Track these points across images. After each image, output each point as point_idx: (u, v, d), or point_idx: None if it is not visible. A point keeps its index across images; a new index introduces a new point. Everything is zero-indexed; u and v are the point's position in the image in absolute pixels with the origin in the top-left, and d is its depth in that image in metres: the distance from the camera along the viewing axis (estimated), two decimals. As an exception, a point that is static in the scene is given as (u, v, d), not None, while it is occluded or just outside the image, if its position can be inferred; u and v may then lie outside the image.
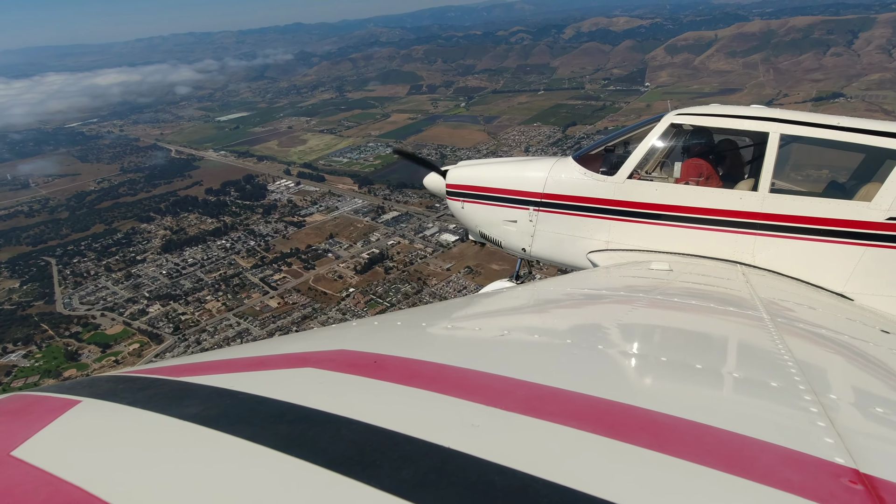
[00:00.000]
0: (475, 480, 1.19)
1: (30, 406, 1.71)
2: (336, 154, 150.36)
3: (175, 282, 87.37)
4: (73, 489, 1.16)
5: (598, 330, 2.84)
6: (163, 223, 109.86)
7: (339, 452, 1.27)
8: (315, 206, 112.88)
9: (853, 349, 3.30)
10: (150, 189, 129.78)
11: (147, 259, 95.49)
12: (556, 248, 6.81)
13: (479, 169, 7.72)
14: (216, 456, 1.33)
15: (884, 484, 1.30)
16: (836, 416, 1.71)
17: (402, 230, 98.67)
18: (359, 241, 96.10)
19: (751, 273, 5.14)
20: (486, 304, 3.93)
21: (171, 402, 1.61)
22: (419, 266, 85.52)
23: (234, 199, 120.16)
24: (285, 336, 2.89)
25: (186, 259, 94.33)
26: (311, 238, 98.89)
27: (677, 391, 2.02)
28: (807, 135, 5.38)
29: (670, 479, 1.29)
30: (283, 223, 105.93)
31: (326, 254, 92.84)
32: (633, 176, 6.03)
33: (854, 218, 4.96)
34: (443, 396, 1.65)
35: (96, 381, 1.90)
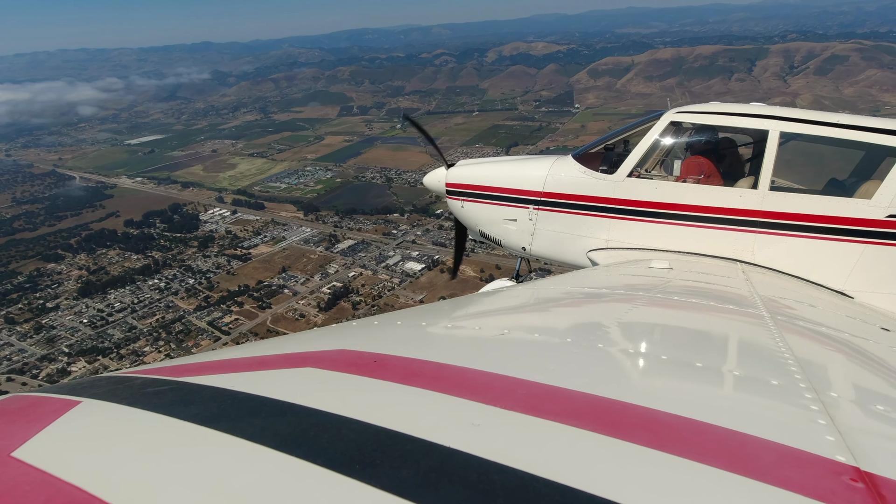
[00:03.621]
0: (475, 480, 1.19)
1: (30, 407, 1.71)
2: (271, 179, 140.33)
3: (101, 332, 74.61)
4: (74, 490, 1.16)
5: (598, 328, 2.86)
6: (76, 262, 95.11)
7: (339, 452, 1.27)
8: (259, 237, 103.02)
9: (853, 347, 3.32)
10: (54, 222, 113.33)
11: (61, 306, 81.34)
12: (556, 247, 6.77)
13: (478, 168, 7.61)
14: (216, 456, 1.32)
15: (885, 482, 1.30)
16: (836, 413, 1.71)
17: (361, 260, 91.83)
18: (316, 275, 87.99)
19: (751, 271, 5.13)
20: (486, 303, 3.91)
21: (172, 403, 1.61)
22: (389, 299, 79.20)
23: (161, 231, 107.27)
24: (285, 336, 2.79)
25: (112, 304, 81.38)
26: (261, 273, 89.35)
27: (678, 389, 2.03)
28: (806, 132, 5.34)
29: (671, 478, 1.28)
30: (224, 257, 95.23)
31: (282, 290, 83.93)
32: (632, 174, 5.95)
33: (854, 215, 4.94)
34: (443, 396, 1.65)
35: (97, 382, 1.90)
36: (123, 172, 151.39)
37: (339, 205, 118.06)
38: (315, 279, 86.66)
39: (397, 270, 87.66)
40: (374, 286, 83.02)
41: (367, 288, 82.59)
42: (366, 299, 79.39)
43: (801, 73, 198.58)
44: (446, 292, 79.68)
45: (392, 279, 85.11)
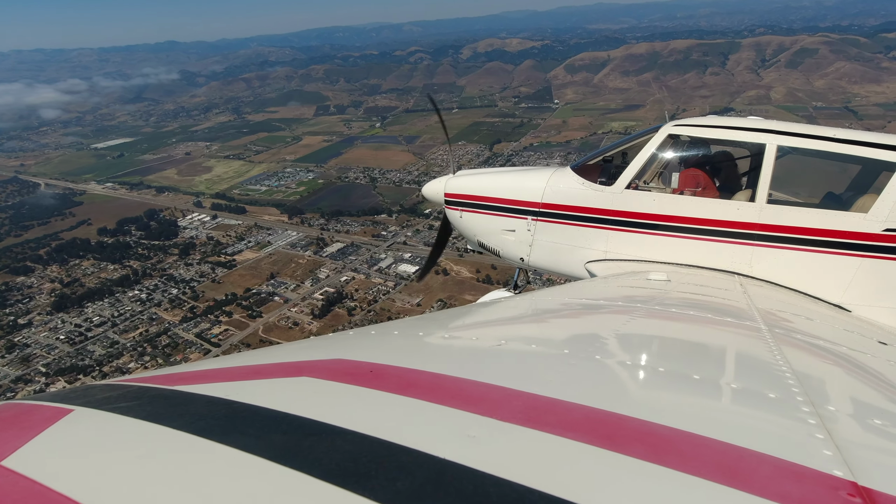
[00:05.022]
0: (471, 492, 1.18)
1: (21, 415, 1.67)
2: (251, 182, 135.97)
3: (80, 348, 70.40)
4: (65, 500, 1.14)
5: (596, 340, 2.85)
6: (47, 274, 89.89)
7: (334, 463, 1.26)
8: (243, 243, 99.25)
9: (851, 360, 3.31)
10: (20, 232, 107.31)
11: (34, 322, 76.60)
12: (554, 258, 6.77)
13: (477, 178, 7.64)
14: (210, 466, 1.31)
15: (882, 497, 1.29)
16: (834, 427, 1.71)
17: (352, 263, 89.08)
18: (306, 280, 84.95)
19: (748, 284, 5.13)
20: (484, 313, 3.89)
21: (165, 412, 1.59)
22: (385, 304, 76.78)
23: (137, 239, 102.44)
24: (281, 345, 2.78)
25: (90, 318, 76.94)
26: (248, 280, 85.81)
27: (675, 402, 2.02)
28: (803, 146, 5.41)
29: (667, 491, 1.28)
30: (208, 264, 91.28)
31: (272, 297, 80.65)
32: (630, 186, 5.98)
33: (851, 229, 4.98)
34: (439, 407, 1.64)
35: (90, 390, 1.87)
36: (92, 178, 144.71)
37: (324, 207, 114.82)
38: (306, 285, 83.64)
39: (391, 273, 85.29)
40: (368, 290, 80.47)
41: (362, 293, 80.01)
42: (361, 304, 76.85)
43: (772, 66, 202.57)
44: (443, 294, 77.75)
45: (386, 282, 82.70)
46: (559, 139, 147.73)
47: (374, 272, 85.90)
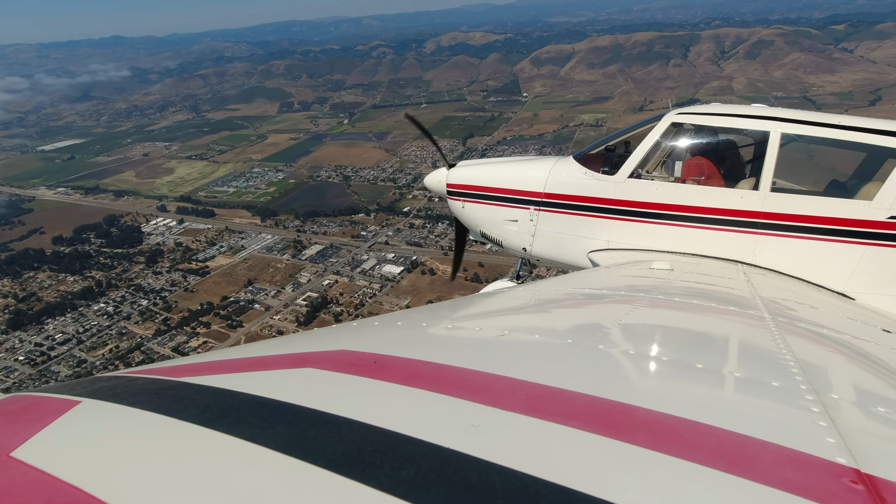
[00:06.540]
0: (475, 481, 1.19)
1: (30, 407, 1.69)
2: (217, 183, 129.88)
3: (43, 370, 64.79)
4: (73, 490, 1.16)
5: (599, 330, 2.84)
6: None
7: (338, 453, 1.27)
8: (215, 248, 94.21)
9: (854, 349, 3.33)
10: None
11: (-13, 343, 70.11)
12: (557, 248, 6.78)
13: (479, 169, 7.62)
14: (216, 456, 1.33)
15: (885, 484, 1.30)
16: (837, 415, 1.71)
17: (334, 266, 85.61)
18: (287, 285, 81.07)
19: (752, 272, 5.13)
20: (487, 303, 3.89)
21: (171, 403, 1.61)
22: (372, 307, 73.84)
23: (98, 247, 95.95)
24: (285, 336, 2.84)
25: (52, 335, 71.09)
26: (224, 288, 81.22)
27: (678, 391, 2.03)
28: (808, 134, 5.38)
29: (671, 480, 1.29)
30: (178, 272, 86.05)
31: (251, 305, 76.52)
32: (633, 175, 5.96)
33: (855, 217, 4.98)
34: (443, 396, 1.65)
35: (96, 382, 1.89)
36: (41, 183, 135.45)
37: (298, 207, 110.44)
38: (287, 290, 79.80)
39: (375, 275, 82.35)
40: (353, 294, 77.35)
41: (347, 297, 76.82)
42: (347, 309, 73.69)
43: (732, 57, 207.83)
44: (432, 295, 75.35)
45: (371, 285, 79.76)
46: (532, 132, 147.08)
47: (358, 274, 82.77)
